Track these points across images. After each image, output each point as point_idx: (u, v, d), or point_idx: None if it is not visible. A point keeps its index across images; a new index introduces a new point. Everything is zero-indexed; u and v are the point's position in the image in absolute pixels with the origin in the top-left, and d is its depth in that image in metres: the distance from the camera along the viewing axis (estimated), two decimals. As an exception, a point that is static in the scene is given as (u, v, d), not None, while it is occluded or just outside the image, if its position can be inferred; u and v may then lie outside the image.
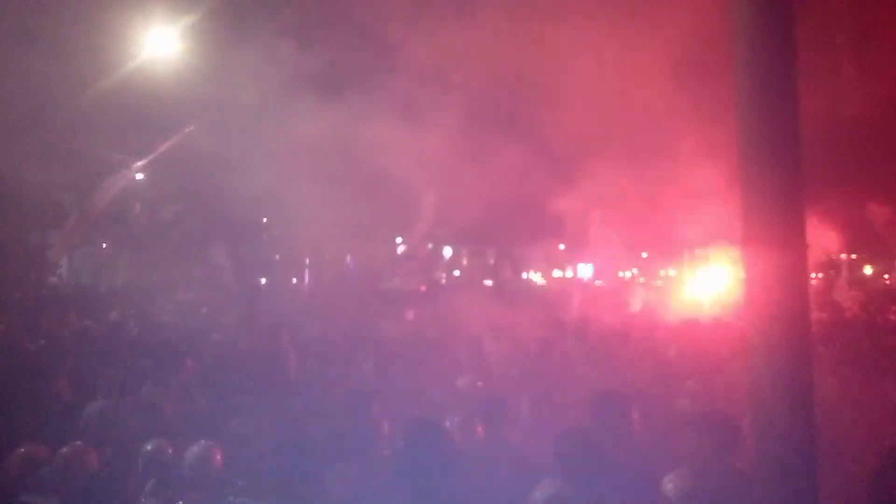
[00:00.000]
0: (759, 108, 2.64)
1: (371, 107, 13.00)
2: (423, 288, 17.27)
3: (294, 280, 38.96)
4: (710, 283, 15.25)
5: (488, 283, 29.93)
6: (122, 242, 30.82)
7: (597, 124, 11.30)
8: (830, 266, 16.51)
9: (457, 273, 48.40)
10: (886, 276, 30.68)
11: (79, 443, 4.94)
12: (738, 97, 2.69)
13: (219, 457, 4.87)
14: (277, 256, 43.80)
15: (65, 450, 4.76)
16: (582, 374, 7.34)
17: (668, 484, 3.73)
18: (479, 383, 7.00)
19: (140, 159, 17.87)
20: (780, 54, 2.64)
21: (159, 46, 14.41)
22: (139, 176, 21.22)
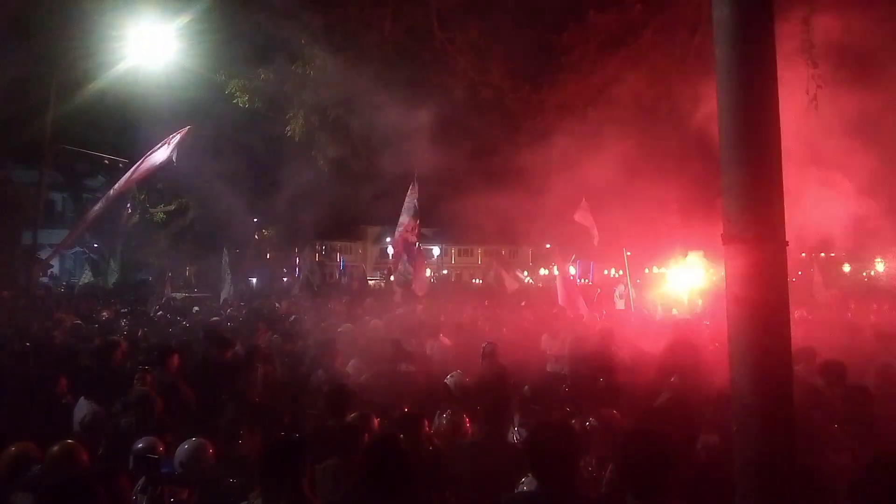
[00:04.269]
0: (740, 110, 2.70)
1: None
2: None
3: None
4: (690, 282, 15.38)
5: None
6: (114, 242, 30.71)
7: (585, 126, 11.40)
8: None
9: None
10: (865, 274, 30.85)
11: (70, 441, 4.94)
12: (720, 98, 2.75)
13: (210, 454, 4.90)
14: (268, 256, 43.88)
15: (56, 448, 4.76)
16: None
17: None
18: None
19: (131, 158, 17.81)
20: (761, 58, 2.71)
21: (152, 48, 14.35)
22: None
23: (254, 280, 38.13)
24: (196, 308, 18.12)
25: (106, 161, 22.97)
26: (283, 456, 3.90)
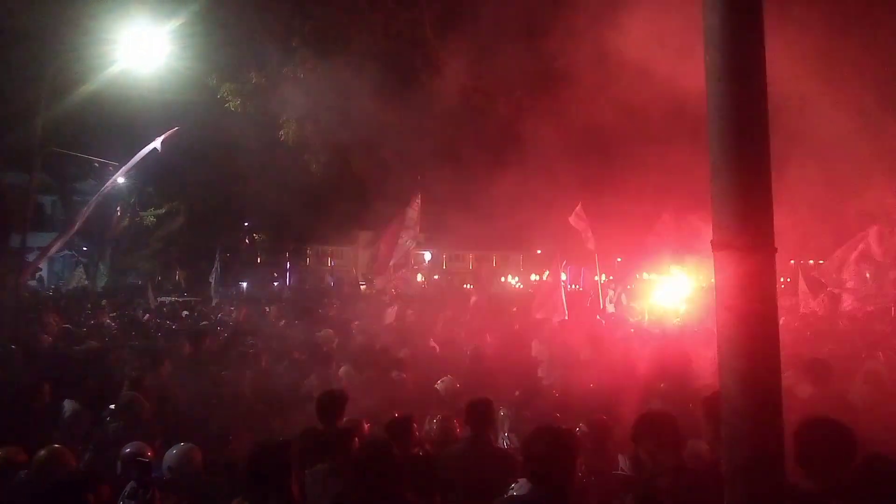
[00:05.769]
0: (730, 116, 2.72)
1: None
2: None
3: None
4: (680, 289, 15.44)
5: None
6: (103, 246, 30.54)
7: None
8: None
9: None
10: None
11: (57, 445, 4.91)
12: (710, 105, 2.76)
13: (198, 458, 4.88)
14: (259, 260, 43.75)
15: (42, 453, 4.73)
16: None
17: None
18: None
19: (121, 162, 17.75)
20: (751, 64, 2.72)
21: (143, 51, 14.29)
22: (120, 180, 21.05)
23: (244, 284, 37.95)
24: (185, 312, 18.06)
25: (96, 164, 22.85)
26: (269, 459, 3.89)
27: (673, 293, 15.76)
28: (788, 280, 16.61)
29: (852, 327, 11.83)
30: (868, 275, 13.89)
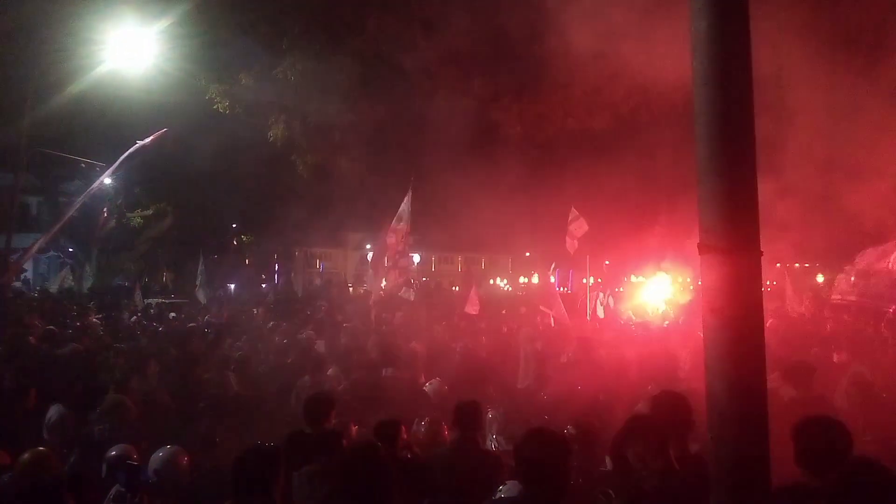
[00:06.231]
0: (716, 120, 2.74)
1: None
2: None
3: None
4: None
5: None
6: (90, 247, 30.32)
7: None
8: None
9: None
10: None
11: (41, 448, 4.87)
12: (697, 110, 2.78)
13: (185, 461, 4.85)
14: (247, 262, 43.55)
15: (26, 455, 4.69)
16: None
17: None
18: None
19: (108, 163, 17.63)
20: (737, 69, 2.74)
21: (132, 52, 14.20)
22: (107, 181, 20.92)
23: (232, 286, 37.80)
24: (173, 314, 17.96)
25: (83, 165, 22.72)
26: (256, 463, 3.88)
27: (660, 296, 15.84)
28: (775, 283, 16.72)
29: (839, 330, 11.91)
30: (852, 278, 13.98)
